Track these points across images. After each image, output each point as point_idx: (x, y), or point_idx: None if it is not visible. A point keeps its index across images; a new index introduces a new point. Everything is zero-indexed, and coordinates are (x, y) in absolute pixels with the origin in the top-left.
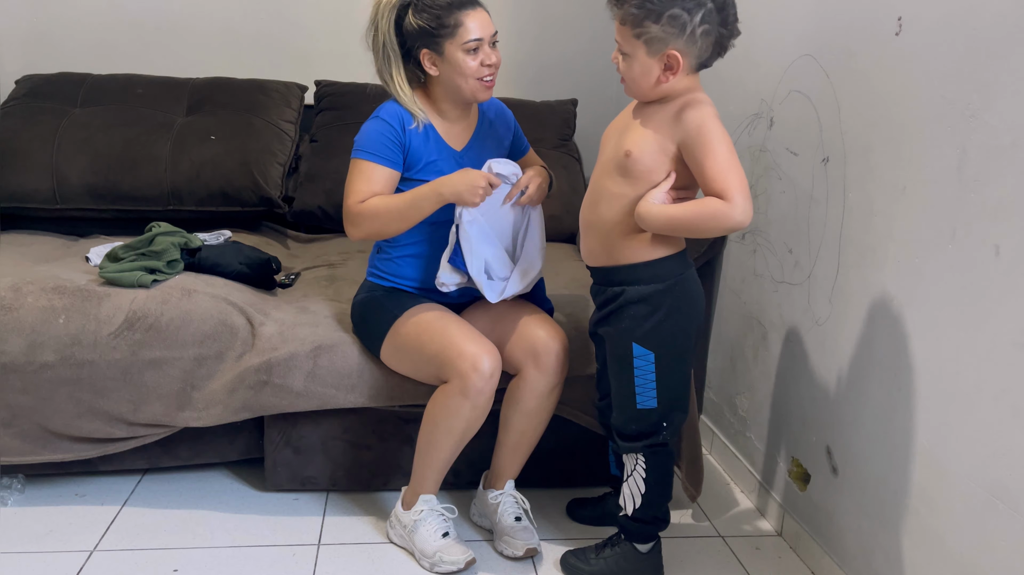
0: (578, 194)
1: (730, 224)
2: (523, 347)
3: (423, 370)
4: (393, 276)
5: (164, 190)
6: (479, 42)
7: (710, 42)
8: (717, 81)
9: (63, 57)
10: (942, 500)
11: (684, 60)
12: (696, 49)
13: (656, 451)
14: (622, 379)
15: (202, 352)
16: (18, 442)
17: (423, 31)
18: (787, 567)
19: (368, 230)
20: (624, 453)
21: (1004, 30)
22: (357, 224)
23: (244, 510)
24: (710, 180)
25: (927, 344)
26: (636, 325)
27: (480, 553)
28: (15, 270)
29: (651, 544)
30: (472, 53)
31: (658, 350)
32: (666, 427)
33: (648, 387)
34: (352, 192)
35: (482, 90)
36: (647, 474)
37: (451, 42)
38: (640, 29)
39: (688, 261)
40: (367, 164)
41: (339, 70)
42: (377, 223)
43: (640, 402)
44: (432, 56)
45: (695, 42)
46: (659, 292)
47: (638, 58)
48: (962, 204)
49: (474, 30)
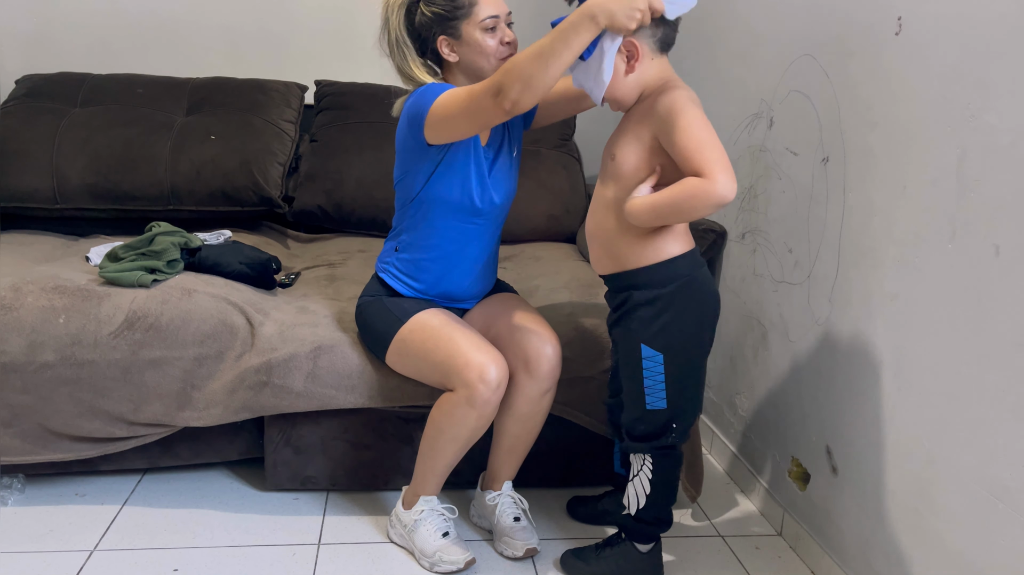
0: (578, 194)
1: (713, 200)
2: (515, 352)
3: (428, 377)
4: (409, 278)
5: (164, 190)
6: (496, 19)
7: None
8: (717, 81)
9: (63, 57)
10: (942, 500)
11: (641, 44)
12: (647, 30)
13: (664, 453)
14: (633, 380)
15: (202, 352)
16: (18, 442)
17: (438, 17)
18: (787, 567)
19: (521, 88)
20: (632, 453)
21: (1004, 30)
22: (506, 88)
23: (244, 510)
24: (686, 160)
25: (927, 344)
26: (644, 327)
27: (480, 553)
28: (15, 270)
29: (652, 544)
30: (491, 32)
31: (666, 351)
32: (675, 428)
33: (657, 388)
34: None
35: None
36: (653, 475)
37: (468, 22)
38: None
39: (698, 261)
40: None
41: (339, 70)
42: (526, 74)
43: (649, 403)
44: (449, 41)
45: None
46: (667, 294)
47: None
48: (962, 204)
49: (490, 7)
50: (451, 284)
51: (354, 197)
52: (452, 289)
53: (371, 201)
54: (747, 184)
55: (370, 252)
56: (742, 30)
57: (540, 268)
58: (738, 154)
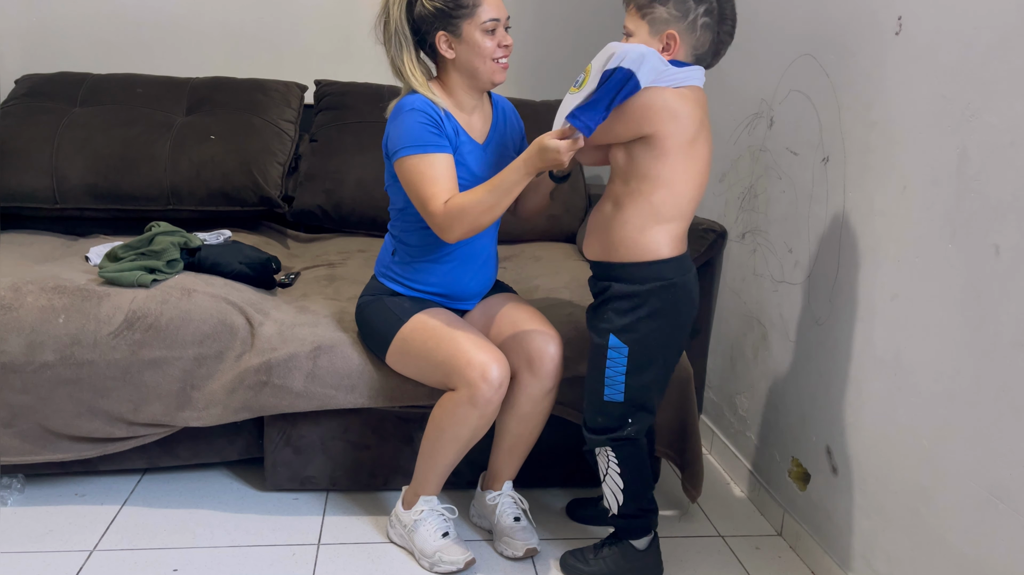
0: (578, 194)
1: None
2: (518, 351)
3: (430, 376)
4: (411, 281)
5: (164, 190)
6: (496, 22)
7: (707, 38)
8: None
9: (63, 57)
10: (942, 500)
11: (681, 43)
12: (693, 38)
13: (623, 443)
14: (596, 368)
15: (202, 352)
16: (18, 442)
17: (440, 12)
18: (787, 567)
19: (464, 230)
20: (593, 447)
21: (1004, 30)
22: (450, 228)
23: (244, 510)
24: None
25: (927, 344)
26: (616, 317)
27: (480, 553)
28: (15, 270)
29: (648, 540)
30: (490, 34)
31: (633, 346)
32: (631, 423)
33: (617, 380)
34: (429, 196)
35: (498, 71)
36: (621, 467)
37: (469, 22)
38: (647, 9)
39: (686, 266)
40: (424, 158)
41: (339, 70)
42: (468, 221)
43: (607, 394)
44: (448, 38)
45: (694, 31)
46: (645, 291)
47: (640, 36)
48: (962, 204)
49: (492, 10)
50: (452, 285)
51: (354, 197)
52: (454, 290)
53: (371, 201)
54: (747, 184)
55: (370, 252)
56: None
57: (540, 268)
58: (738, 154)
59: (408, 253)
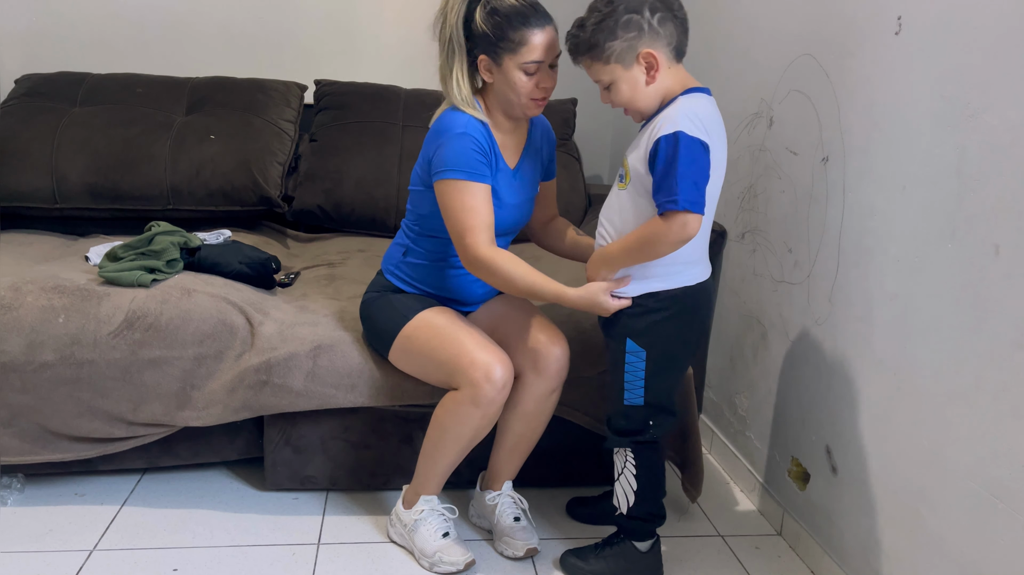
0: (578, 193)
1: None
2: (523, 351)
3: (432, 375)
4: (418, 281)
5: (164, 189)
6: (539, 64)
7: (671, 27)
8: (717, 80)
9: (63, 57)
10: (942, 500)
11: (659, 54)
12: (662, 39)
13: (644, 447)
14: (615, 373)
15: (202, 352)
16: (18, 442)
17: (486, 37)
18: (787, 567)
19: (482, 276)
20: (613, 447)
21: (1004, 30)
22: (474, 268)
23: (244, 509)
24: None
25: (927, 344)
26: (634, 321)
27: (480, 553)
28: (15, 270)
29: (650, 542)
30: (530, 75)
31: (651, 349)
32: (652, 426)
33: (637, 384)
34: (468, 228)
35: (532, 107)
36: (637, 470)
37: (511, 57)
38: (605, 52)
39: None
40: (468, 186)
41: (339, 70)
42: (488, 277)
43: (627, 398)
44: (489, 63)
45: (657, 33)
46: (664, 293)
47: (621, 78)
48: (962, 204)
49: (537, 52)
50: (460, 290)
51: (353, 197)
52: (461, 294)
53: (371, 201)
54: (747, 184)
55: (370, 252)
56: (742, 29)
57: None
58: (738, 154)
59: (419, 256)
